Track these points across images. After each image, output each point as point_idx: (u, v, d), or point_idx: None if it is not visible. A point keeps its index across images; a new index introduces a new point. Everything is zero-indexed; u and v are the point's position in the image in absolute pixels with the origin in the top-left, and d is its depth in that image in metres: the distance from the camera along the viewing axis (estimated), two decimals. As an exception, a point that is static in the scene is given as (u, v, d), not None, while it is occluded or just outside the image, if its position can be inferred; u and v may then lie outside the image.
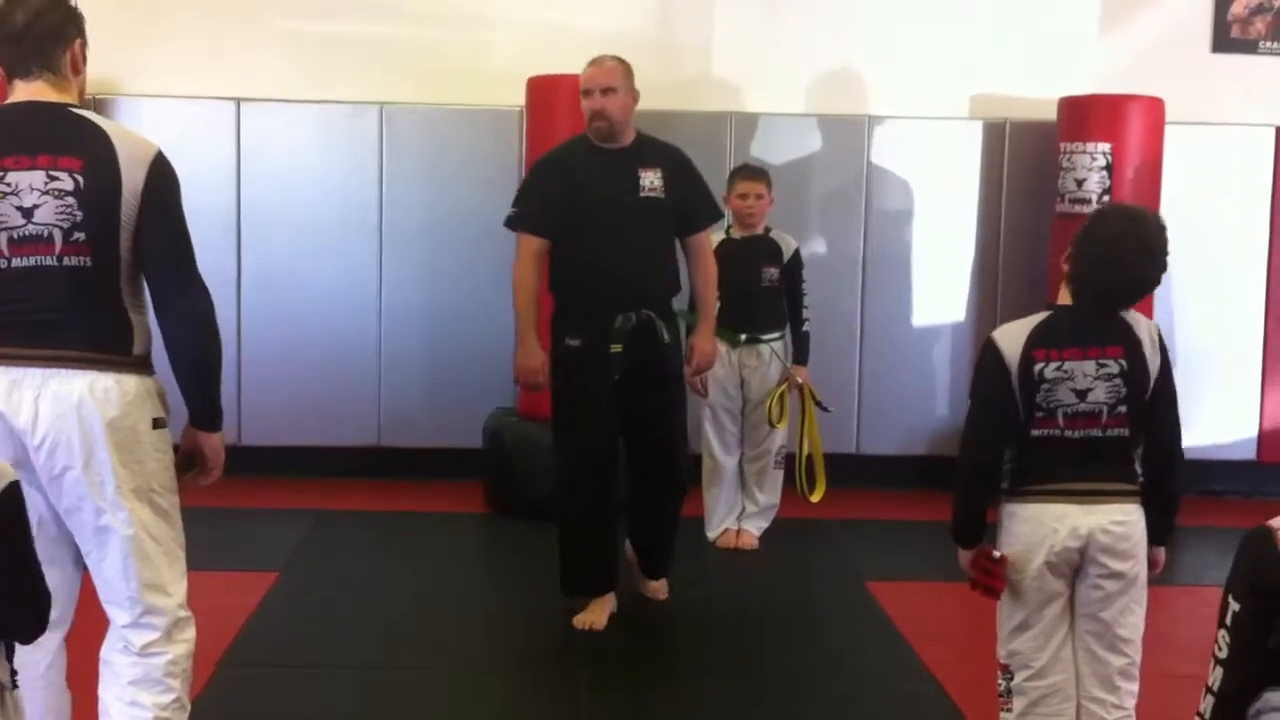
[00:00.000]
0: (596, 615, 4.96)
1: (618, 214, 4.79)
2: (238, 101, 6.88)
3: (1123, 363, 3.19)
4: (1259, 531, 2.26)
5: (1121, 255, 3.18)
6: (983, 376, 3.29)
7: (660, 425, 4.94)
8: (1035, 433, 3.21)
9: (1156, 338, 3.26)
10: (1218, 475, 7.05)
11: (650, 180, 4.83)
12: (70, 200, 2.91)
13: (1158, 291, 6.61)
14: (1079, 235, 3.26)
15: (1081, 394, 3.18)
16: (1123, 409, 3.20)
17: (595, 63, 4.86)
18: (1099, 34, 7.27)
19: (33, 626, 2.29)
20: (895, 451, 7.13)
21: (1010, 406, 3.21)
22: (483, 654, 4.87)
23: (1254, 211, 7.06)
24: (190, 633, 3.14)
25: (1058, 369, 3.18)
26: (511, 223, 4.92)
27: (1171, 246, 3.25)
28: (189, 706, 3.18)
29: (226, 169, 6.85)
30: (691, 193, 4.96)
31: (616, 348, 4.75)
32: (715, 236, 5.91)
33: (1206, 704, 2.32)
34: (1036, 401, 3.19)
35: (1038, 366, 3.19)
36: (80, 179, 2.91)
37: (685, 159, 5.00)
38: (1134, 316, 3.27)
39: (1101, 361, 3.18)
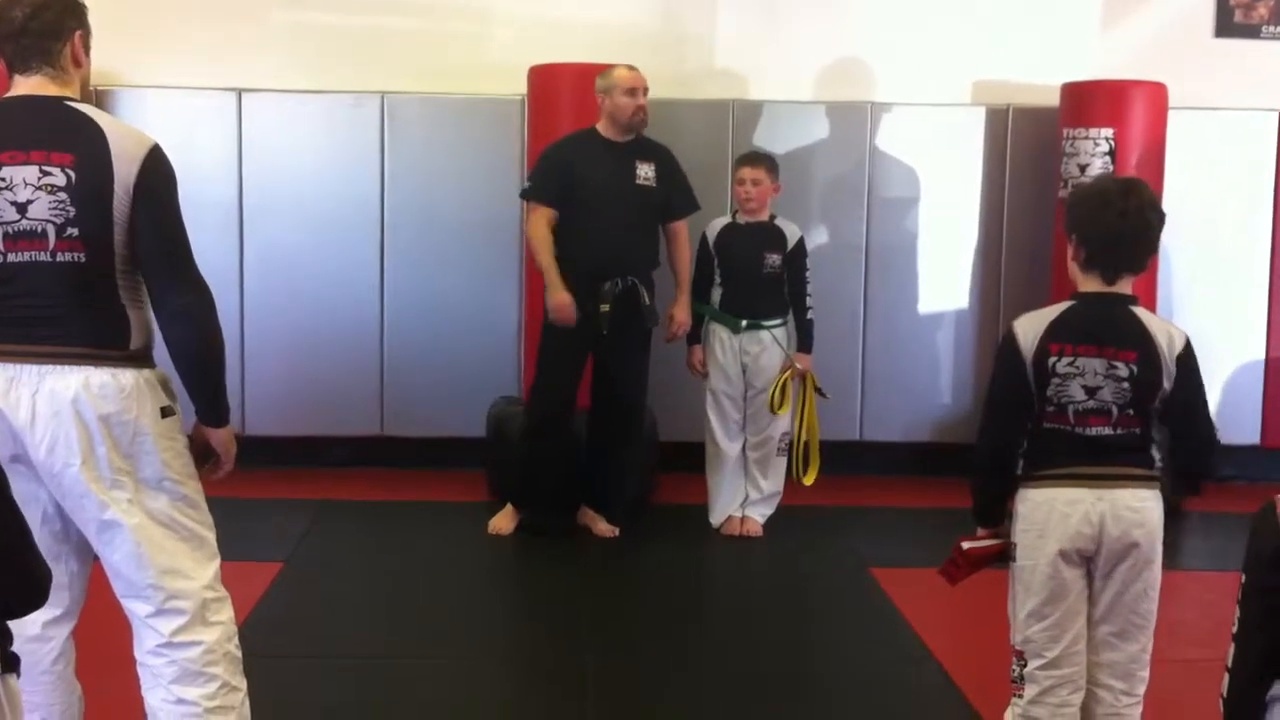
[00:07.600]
0: (503, 522, 5.87)
1: (617, 197, 5.61)
2: (239, 92, 6.87)
3: (1134, 368, 3.14)
4: (1266, 504, 2.28)
5: (1128, 216, 3.15)
6: (1000, 365, 3.29)
7: (628, 375, 5.76)
8: (1048, 425, 3.19)
9: (1180, 348, 3.17)
10: (1222, 460, 7.02)
11: (645, 172, 5.68)
12: (63, 196, 2.88)
13: (1160, 277, 6.75)
14: (1080, 217, 3.22)
15: (1091, 391, 3.15)
16: (1131, 411, 3.16)
17: (633, 69, 5.65)
18: (1101, 20, 7.25)
19: (30, 595, 2.19)
20: (899, 438, 7.12)
21: (1025, 396, 3.19)
22: (486, 643, 4.87)
23: (1257, 196, 7.04)
24: (225, 614, 3.08)
25: (1070, 364, 3.15)
26: (527, 194, 5.79)
27: (1174, 231, 3.23)
28: (242, 686, 3.13)
29: (228, 160, 6.83)
30: (676, 187, 5.79)
31: (605, 307, 5.54)
32: (719, 222, 5.95)
33: (1224, 682, 2.33)
34: (1048, 395, 3.17)
35: (1051, 360, 3.16)
36: (72, 174, 2.88)
37: (673, 157, 5.83)
38: (1153, 321, 3.22)
39: (1113, 363, 3.14)
